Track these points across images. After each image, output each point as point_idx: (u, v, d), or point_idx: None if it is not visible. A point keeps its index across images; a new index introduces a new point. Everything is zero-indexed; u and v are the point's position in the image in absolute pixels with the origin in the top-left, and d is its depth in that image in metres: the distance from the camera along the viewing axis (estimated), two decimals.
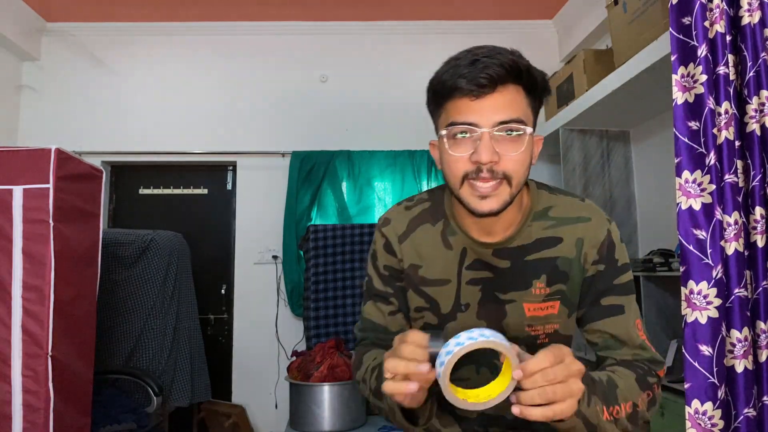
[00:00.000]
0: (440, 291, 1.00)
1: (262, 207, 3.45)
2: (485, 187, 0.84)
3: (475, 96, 0.82)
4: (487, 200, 0.85)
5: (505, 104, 0.83)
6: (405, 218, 1.03)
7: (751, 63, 1.17)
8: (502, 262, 0.96)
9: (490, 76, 0.81)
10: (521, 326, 0.98)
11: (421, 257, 1.00)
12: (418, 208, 1.03)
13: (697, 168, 1.19)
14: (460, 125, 0.84)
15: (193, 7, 3.37)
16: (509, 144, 0.84)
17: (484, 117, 0.83)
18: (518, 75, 0.83)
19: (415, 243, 1.00)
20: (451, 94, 0.84)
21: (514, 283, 0.96)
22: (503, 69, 0.81)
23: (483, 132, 0.82)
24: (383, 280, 1.04)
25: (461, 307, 0.99)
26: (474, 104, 0.83)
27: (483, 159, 0.82)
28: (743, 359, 1.17)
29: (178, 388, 2.76)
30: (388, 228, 1.03)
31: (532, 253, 0.95)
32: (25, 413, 1.74)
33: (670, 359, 2.22)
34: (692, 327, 1.19)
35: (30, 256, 1.78)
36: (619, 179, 3.01)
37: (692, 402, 1.17)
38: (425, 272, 1.00)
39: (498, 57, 0.82)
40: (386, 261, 1.03)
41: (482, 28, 3.56)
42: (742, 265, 1.18)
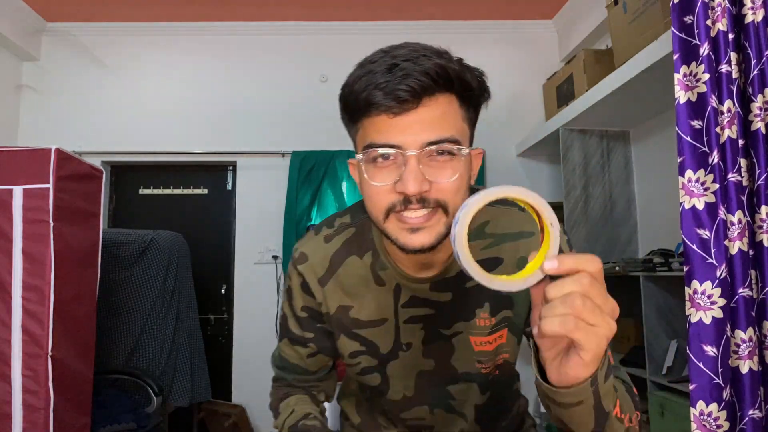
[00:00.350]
0: (377, 332, 0.87)
1: (262, 207, 3.45)
2: (415, 218, 0.68)
3: (395, 113, 0.66)
4: (418, 233, 0.69)
5: (434, 120, 0.67)
6: (325, 254, 0.87)
7: (755, 61, 1.17)
8: (443, 295, 0.84)
9: (412, 89, 0.65)
10: (471, 362, 0.88)
11: (351, 296, 0.87)
12: (341, 237, 0.87)
13: (701, 167, 1.18)
14: (380, 147, 0.68)
15: (193, 7, 3.37)
16: (441, 168, 0.68)
17: (409, 137, 0.66)
18: (448, 82, 0.67)
19: (342, 282, 0.87)
20: (367, 110, 0.68)
21: (458, 315, 0.85)
22: (428, 77, 0.65)
23: (409, 156, 0.66)
24: (300, 324, 0.92)
25: (402, 346, 0.88)
26: (395, 121, 0.67)
27: (410, 190, 0.66)
28: (748, 360, 1.16)
29: (178, 388, 2.76)
30: (305, 266, 0.88)
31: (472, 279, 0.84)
32: (25, 413, 1.74)
33: (670, 359, 2.22)
34: (696, 327, 1.18)
35: (30, 256, 1.78)
36: (619, 179, 3.01)
37: (697, 403, 1.16)
38: (357, 313, 0.87)
39: (421, 61, 0.65)
40: (304, 302, 0.90)
41: (482, 28, 3.56)
42: (747, 265, 1.17)
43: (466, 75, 0.69)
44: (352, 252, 0.87)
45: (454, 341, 0.86)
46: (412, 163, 0.66)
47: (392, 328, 0.87)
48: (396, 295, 0.85)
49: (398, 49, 0.68)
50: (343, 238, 0.87)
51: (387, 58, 0.67)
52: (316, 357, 0.94)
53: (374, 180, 0.69)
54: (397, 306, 0.85)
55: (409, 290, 0.84)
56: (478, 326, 0.85)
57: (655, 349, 2.29)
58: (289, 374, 0.97)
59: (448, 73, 0.67)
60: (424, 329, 0.86)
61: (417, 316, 0.86)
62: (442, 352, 0.88)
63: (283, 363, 0.97)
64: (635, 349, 2.53)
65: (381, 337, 0.88)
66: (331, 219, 0.91)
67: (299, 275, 0.88)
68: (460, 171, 0.69)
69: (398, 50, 0.68)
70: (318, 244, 0.88)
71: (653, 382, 2.26)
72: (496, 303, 0.84)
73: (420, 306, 0.85)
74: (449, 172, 0.68)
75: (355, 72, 0.70)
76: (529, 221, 0.83)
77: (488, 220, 0.84)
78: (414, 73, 0.65)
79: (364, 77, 0.67)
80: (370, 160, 0.70)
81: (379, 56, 0.68)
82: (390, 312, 0.86)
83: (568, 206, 2.92)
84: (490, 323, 0.85)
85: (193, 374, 2.84)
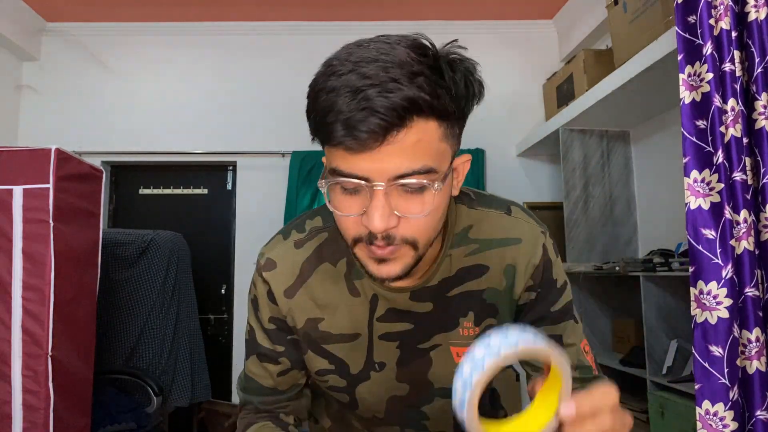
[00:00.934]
0: (347, 348, 0.80)
1: (262, 207, 3.44)
2: (381, 249, 0.63)
3: (356, 151, 0.58)
4: (386, 264, 0.65)
5: (405, 151, 0.58)
6: (294, 261, 0.79)
7: (759, 59, 1.16)
8: (423, 305, 0.78)
9: (373, 131, 0.56)
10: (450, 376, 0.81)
11: (322, 308, 0.79)
12: (313, 243, 0.79)
13: (705, 167, 1.18)
14: (345, 177, 0.60)
15: (193, 7, 3.37)
16: (411, 202, 0.61)
17: (377, 168, 0.58)
18: (420, 113, 0.58)
19: (313, 292, 0.79)
20: (327, 138, 0.60)
21: (439, 325, 0.79)
22: (395, 114, 0.56)
23: (376, 190, 0.59)
24: (269, 336, 0.83)
25: (375, 365, 0.81)
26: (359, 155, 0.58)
27: (375, 227, 0.60)
28: (756, 360, 1.16)
29: (178, 388, 2.76)
30: (272, 274, 0.79)
31: (455, 287, 0.77)
32: (25, 413, 1.74)
33: (670, 359, 2.22)
34: (702, 328, 1.17)
35: (30, 256, 1.78)
36: (619, 179, 3.01)
37: (703, 403, 1.15)
38: (328, 326, 0.80)
39: (390, 89, 0.56)
40: (272, 312, 0.81)
41: (482, 28, 3.56)
42: (753, 264, 1.17)
43: (442, 100, 0.59)
44: (324, 259, 0.79)
45: (432, 354, 0.81)
46: (378, 198, 0.59)
47: (365, 343, 0.80)
48: (372, 306, 0.78)
49: (369, 62, 0.57)
50: (315, 244, 0.79)
51: (353, 75, 0.57)
52: (288, 374, 0.85)
53: (339, 209, 0.63)
54: (372, 319, 0.78)
55: (386, 301, 0.77)
56: (461, 336, 0.80)
57: (655, 349, 2.29)
58: (256, 397, 0.86)
59: (418, 105, 0.57)
60: (400, 348, 0.80)
61: (393, 333, 0.79)
62: (417, 371, 0.82)
63: (249, 384, 0.87)
64: (635, 349, 2.53)
65: (352, 355, 0.81)
66: (300, 221, 0.82)
67: (265, 283, 0.80)
68: (433, 205, 0.62)
69: (366, 65, 0.57)
70: (287, 250, 0.80)
71: (653, 382, 2.26)
72: (480, 311, 0.79)
73: (397, 320, 0.78)
74: (419, 208, 0.61)
75: (320, 80, 0.61)
76: (514, 226, 0.78)
77: (471, 224, 0.78)
78: (378, 110, 0.55)
79: (326, 95, 0.59)
80: (336, 186, 0.62)
81: (345, 67, 0.58)
82: (363, 326, 0.79)
83: (568, 206, 2.92)
84: (474, 333, 0.80)
85: (193, 374, 2.84)
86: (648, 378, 2.28)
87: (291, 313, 0.80)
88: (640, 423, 2.37)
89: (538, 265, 0.78)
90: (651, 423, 2.25)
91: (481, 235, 0.78)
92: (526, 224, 0.79)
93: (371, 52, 0.58)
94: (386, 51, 0.58)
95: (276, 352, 0.83)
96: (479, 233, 0.78)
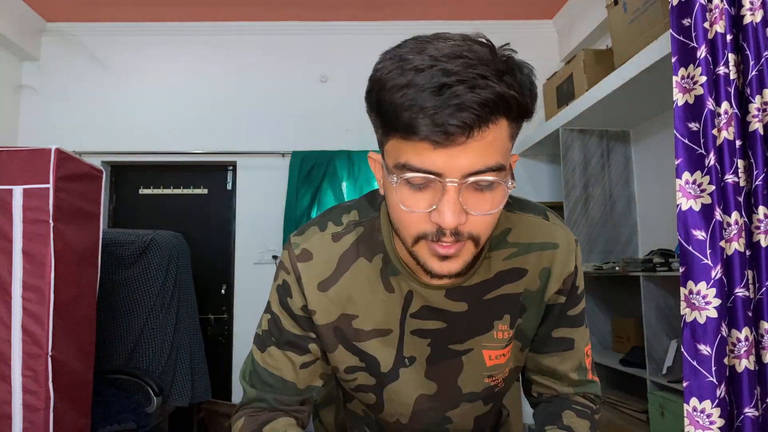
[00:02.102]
0: (379, 344, 0.79)
1: (262, 207, 3.45)
2: (447, 248, 0.63)
3: (441, 145, 0.57)
4: (448, 261, 0.65)
5: (482, 149, 0.58)
6: (333, 254, 0.77)
7: (753, 62, 1.17)
8: (458, 305, 0.77)
9: (465, 124, 0.55)
10: (480, 379, 0.82)
11: (356, 304, 0.78)
12: (350, 237, 0.78)
13: (697, 169, 1.19)
14: (417, 172, 0.59)
15: (193, 7, 3.37)
16: (481, 199, 0.61)
17: (452, 165, 0.58)
18: (507, 111, 0.58)
19: (348, 286, 0.77)
20: (407, 132, 0.58)
21: (473, 329, 0.79)
22: (486, 110, 0.56)
23: (448, 186, 0.59)
24: (300, 323, 0.79)
25: (404, 360, 0.80)
26: (438, 150, 0.58)
27: (447, 223, 0.60)
28: (745, 359, 1.17)
29: (178, 388, 2.76)
30: (307, 266, 0.77)
31: (493, 290, 0.77)
32: (25, 413, 1.74)
33: (670, 359, 2.22)
34: (691, 327, 1.19)
35: (30, 256, 1.78)
36: (619, 179, 3.01)
37: (690, 400, 1.18)
38: (361, 323, 0.78)
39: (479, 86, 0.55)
40: (302, 302, 0.79)
41: (482, 28, 3.50)
42: (744, 265, 1.18)
43: (526, 98, 0.59)
44: (360, 254, 0.77)
45: (465, 359, 0.80)
46: (451, 194, 0.59)
47: (396, 339, 0.79)
48: (406, 303, 0.77)
49: (450, 59, 0.56)
50: (352, 239, 0.78)
51: (436, 71, 0.56)
52: (312, 366, 0.82)
53: (406, 204, 0.62)
54: (405, 315, 0.78)
55: (421, 298, 0.76)
56: (495, 339, 0.79)
57: (655, 349, 2.29)
58: (271, 393, 0.81)
59: (508, 103, 0.57)
60: (431, 346, 0.79)
61: (426, 330, 0.78)
62: (447, 373, 0.81)
63: (265, 378, 0.82)
64: (635, 349, 2.53)
65: (383, 351, 0.79)
66: (335, 214, 0.80)
67: (296, 273, 0.77)
68: (501, 202, 0.62)
69: (450, 61, 0.56)
70: (324, 242, 0.78)
71: (653, 382, 2.26)
72: (514, 312, 0.79)
73: (430, 317, 0.78)
74: (489, 205, 0.62)
75: (393, 74, 0.58)
76: (552, 231, 0.79)
77: (510, 228, 0.78)
78: (470, 105, 0.55)
79: (407, 90, 0.56)
80: (403, 181, 0.61)
81: (425, 62, 0.57)
82: (396, 322, 0.78)
83: (568, 206, 2.92)
84: (508, 335, 0.80)
85: (193, 374, 2.85)
86: (648, 378, 2.28)
87: (320, 307, 0.78)
88: (640, 423, 2.37)
89: (572, 272, 0.80)
90: (651, 423, 2.25)
91: (521, 238, 0.78)
92: (562, 230, 0.80)
93: (448, 48, 0.57)
94: (466, 48, 0.58)
95: (309, 338, 0.80)
96: (519, 237, 0.78)
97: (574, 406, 0.85)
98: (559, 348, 0.85)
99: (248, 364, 0.86)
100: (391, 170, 0.62)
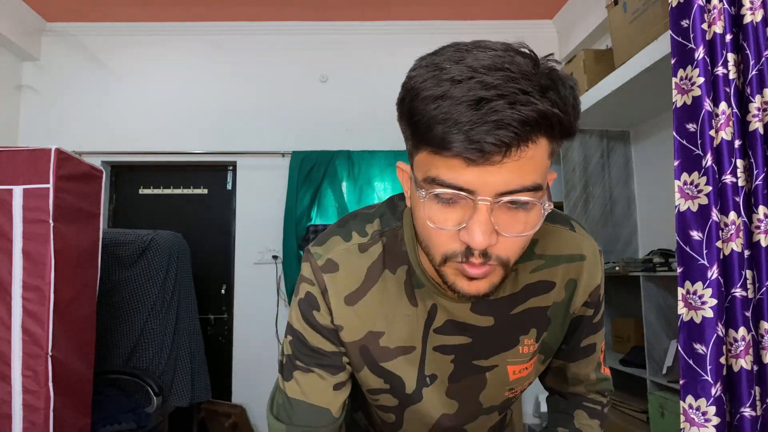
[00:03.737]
0: (404, 363, 0.75)
1: (262, 207, 3.45)
2: (476, 269, 0.60)
3: (475, 163, 0.53)
4: (475, 282, 0.61)
5: (519, 168, 0.54)
6: (360, 266, 0.73)
7: (753, 62, 1.17)
8: (484, 319, 0.73)
9: (503, 143, 0.51)
10: (501, 394, 0.80)
11: (383, 319, 0.74)
12: (377, 248, 0.73)
13: (694, 170, 1.20)
14: (447, 188, 0.55)
15: (192, 7, 3.37)
16: (515, 220, 0.57)
17: (486, 185, 0.54)
18: (549, 130, 0.54)
19: (376, 300, 0.73)
20: (440, 146, 0.54)
21: (499, 344, 0.76)
22: (526, 128, 0.52)
23: (480, 204, 0.55)
24: (329, 337, 0.74)
25: (426, 379, 0.76)
26: (472, 167, 0.54)
27: (476, 244, 0.56)
28: (742, 358, 1.18)
29: (178, 388, 2.76)
30: (333, 277, 0.72)
31: (520, 304, 0.74)
32: (25, 413, 1.74)
33: (670, 359, 2.22)
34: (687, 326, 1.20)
35: (30, 256, 1.78)
36: (619, 179, 3.01)
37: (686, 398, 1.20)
38: (387, 341, 0.74)
39: (520, 102, 0.51)
40: (330, 315, 0.74)
41: (482, 28, 3.56)
42: (742, 265, 1.18)
43: (569, 116, 0.55)
44: (385, 265, 0.73)
45: (488, 375, 0.77)
46: (482, 213, 0.55)
47: (418, 357, 0.75)
48: (429, 318, 0.73)
49: (490, 71, 0.52)
50: (378, 250, 0.73)
51: (474, 83, 0.51)
52: (344, 388, 0.76)
53: (434, 221, 0.58)
54: (428, 330, 0.74)
55: (446, 312, 0.73)
56: (520, 354, 0.77)
57: (655, 349, 2.29)
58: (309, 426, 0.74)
59: (550, 122, 0.53)
60: (455, 362, 0.76)
61: (449, 346, 0.74)
62: (470, 390, 0.78)
63: (295, 410, 0.74)
64: (635, 349, 2.53)
65: (407, 370, 0.76)
66: (358, 224, 0.75)
67: (321, 285, 0.72)
68: (535, 224, 0.58)
69: (489, 73, 0.52)
70: (351, 253, 0.73)
71: (653, 382, 2.26)
72: (541, 326, 0.76)
73: (455, 333, 0.74)
74: (522, 227, 0.57)
75: (428, 83, 0.54)
76: (579, 242, 0.76)
77: (536, 239, 0.74)
78: (510, 123, 0.51)
79: (441, 102, 0.52)
80: (432, 196, 0.57)
81: (463, 73, 0.52)
82: (418, 338, 0.74)
83: (568, 206, 2.92)
84: (533, 349, 0.77)
85: (193, 374, 2.85)
86: (648, 378, 2.28)
87: (347, 322, 0.73)
88: (640, 423, 2.37)
89: (598, 284, 0.79)
90: (651, 423, 2.25)
91: (548, 251, 0.75)
92: (588, 241, 0.78)
93: (488, 59, 0.53)
94: (507, 60, 0.53)
95: (341, 353, 0.74)
96: (545, 249, 0.75)
97: (585, 404, 0.87)
98: (585, 354, 0.85)
99: (275, 394, 0.79)
100: (420, 184, 0.58)
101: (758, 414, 1.17)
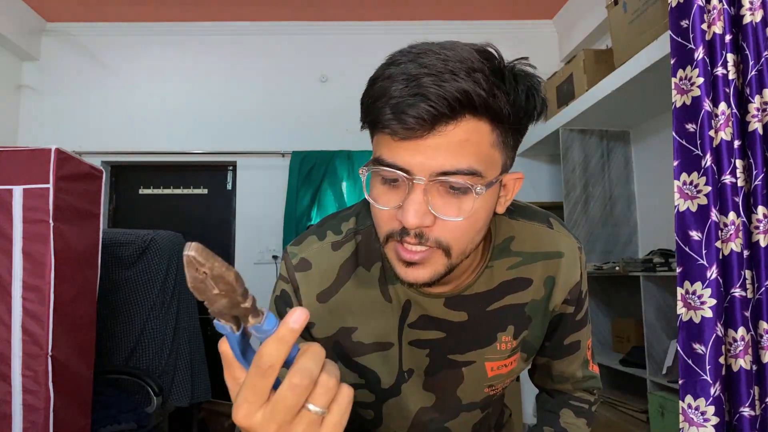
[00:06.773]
0: (380, 358, 0.76)
1: (262, 207, 3.45)
2: (410, 253, 0.60)
3: (401, 138, 0.56)
4: (414, 268, 0.62)
5: (450, 147, 0.56)
6: (333, 264, 0.74)
7: (753, 62, 1.17)
8: (458, 314, 0.74)
9: (421, 117, 0.54)
10: (480, 390, 0.81)
11: (355, 315, 0.74)
12: (349, 246, 0.75)
13: (694, 170, 1.20)
14: (386, 167, 0.58)
15: (193, 8, 3.37)
16: (450, 204, 0.58)
17: (419, 161, 0.56)
18: (473, 109, 0.55)
19: (348, 297, 0.74)
20: (374, 123, 0.58)
21: (475, 341, 0.76)
22: (445, 104, 0.54)
23: (415, 183, 0.57)
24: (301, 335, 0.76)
25: (404, 375, 0.78)
26: (403, 143, 0.57)
27: (408, 222, 0.57)
28: (741, 358, 1.18)
29: (178, 388, 2.76)
30: (305, 275, 0.74)
31: (496, 301, 0.75)
32: (25, 413, 1.74)
33: (670, 359, 2.22)
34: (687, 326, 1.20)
35: (30, 256, 1.78)
36: (619, 179, 3.01)
37: (685, 397, 1.20)
38: (360, 336, 0.75)
39: (445, 80, 0.54)
40: None
41: (482, 28, 3.56)
42: (741, 265, 1.18)
43: (498, 100, 0.56)
44: (359, 263, 0.74)
45: (465, 370, 0.78)
46: (416, 192, 0.57)
47: (396, 353, 0.76)
48: (404, 313, 0.74)
49: (430, 54, 0.56)
50: (351, 247, 0.75)
51: (411, 65, 0.55)
52: None
53: (377, 201, 0.61)
54: (403, 325, 0.75)
55: (419, 308, 0.74)
56: (498, 351, 0.77)
57: (655, 349, 2.29)
58: None
59: (472, 100, 0.54)
60: (430, 356, 0.77)
61: (424, 340, 0.76)
62: (446, 384, 0.79)
63: None
64: (635, 349, 2.53)
65: (384, 366, 0.77)
66: (335, 222, 0.77)
67: (294, 283, 0.74)
68: (470, 210, 0.58)
69: (428, 56, 0.55)
70: (323, 251, 0.74)
71: (653, 382, 2.26)
72: (519, 324, 0.77)
73: (429, 327, 0.75)
74: (458, 209, 0.58)
75: (380, 68, 0.59)
76: (557, 240, 0.77)
77: (513, 236, 0.75)
78: (430, 97, 0.53)
79: (381, 82, 0.57)
80: (376, 177, 0.61)
81: (405, 57, 0.57)
82: (394, 333, 0.75)
83: (568, 206, 2.92)
84: (512, 346, 0.78)
85: (193, 374, 2.85)
86: (648, 378, 2.28)
87: (319, 319, 0.74)
88: (640, 423, 2.37)
89: (578, 281, 0.79)
90: (651, 423, 2.25)
91: (525, 248, 0.76)
92: (566, 238, 0.78)
93: (434, 47, 0.57)
94: (450, 47, 0.57)
95: None
96: (522, 246, 0.76)
97: (571, 402, 0.88)
98: (569, 352, 0.85)
99: None
100: (365, 169, 0.61)
101: (757, 413, 1.17)
